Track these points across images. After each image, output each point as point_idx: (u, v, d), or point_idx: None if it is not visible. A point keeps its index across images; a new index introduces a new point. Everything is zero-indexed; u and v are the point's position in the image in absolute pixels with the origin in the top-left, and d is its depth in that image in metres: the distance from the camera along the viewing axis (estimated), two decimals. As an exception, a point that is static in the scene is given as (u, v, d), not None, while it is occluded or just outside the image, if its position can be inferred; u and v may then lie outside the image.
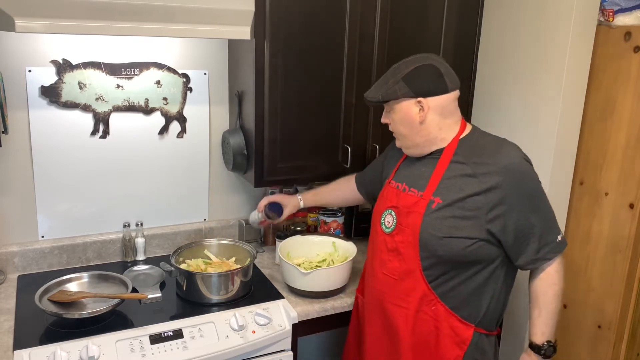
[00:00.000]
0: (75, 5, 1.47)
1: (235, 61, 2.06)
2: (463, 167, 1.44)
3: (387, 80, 1.48)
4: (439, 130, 1.48)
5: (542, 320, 1.47)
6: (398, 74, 1.46)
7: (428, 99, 1.44)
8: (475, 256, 1.43)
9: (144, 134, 2.04)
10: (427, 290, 1.47)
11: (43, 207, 1.96)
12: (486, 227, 1.41)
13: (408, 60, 1.49)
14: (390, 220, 1.53)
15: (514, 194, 1.39)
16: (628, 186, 1.90)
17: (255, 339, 1.67)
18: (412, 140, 1.51)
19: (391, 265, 1.52)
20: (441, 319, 1.47)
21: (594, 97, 1.98)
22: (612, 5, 1.89)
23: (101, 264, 2.05)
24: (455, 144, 1.48)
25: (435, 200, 1.44)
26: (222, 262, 1.94)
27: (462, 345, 1.47)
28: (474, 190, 1.40)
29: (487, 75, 2.22)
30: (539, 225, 1.43)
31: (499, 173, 1.39)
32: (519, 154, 1.45)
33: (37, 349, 1.49)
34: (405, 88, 1.44)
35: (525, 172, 1.43)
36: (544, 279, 1.47)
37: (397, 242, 1.50)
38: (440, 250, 1.42)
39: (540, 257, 1.45)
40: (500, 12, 2.14)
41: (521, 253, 1.45)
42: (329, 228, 2.30)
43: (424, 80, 1.44)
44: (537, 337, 1.48)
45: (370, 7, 1.94)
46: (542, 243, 1.44)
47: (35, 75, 1.84)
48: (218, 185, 2.24)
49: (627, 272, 1.94)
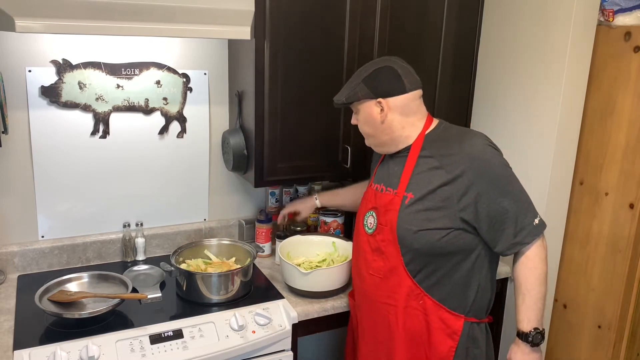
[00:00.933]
0: (75, 5, 1.47)
1: (235, 61, 2.06)
2: (430, 161, 1.48)
3: (351, 83, 1.56)
4: (402, 129, 1.53)
5: (526, 306, 1.46)
6: (359, 77, 1.54)
7: (388, 99, 1.50)
8: (453, 246, 1.45)
9: (144, 134, 2.04)
10: (412, 285, 1.49)
11: (43, 207, 1.96)
12: (459, 216, 1.43)
13: (370, 63, 1.57)
14: (372, 221, 1.57)
15: (480, 180, 1.41)
16: (628, 186, 1.90)
17: (255, 339, 1.67)
18: (378, 138, 1.57)
19: (376, 264, 1.55)
20: (430, 312, 1.49)
21: (594, 97, 1.98)
22: (612, 5, 1.89)
23: (101, 264, 2.05)
24: (421, 140, 1.52)
25: (408, 195, 1.48)
26: (222, 262, 1.94)
27: (454, 336, 1.49)
28: (441, 181, 1.44)
29: (487, 75, 2.22)
30: (512, 209, 1.43)
31: (463, 161, 1.43)
32: (481, 141, 1.47)
33: (37, 349, 1.49)
34: (365, 89, 1.52)
35: (489, 158, 1.44)
36: (524, 262, 1.46)
37: (379, 242, 1.54)
38: (416, 244, 1.45)
39: (518, 241, 1.45)
40: (500, 12, 2.14)
41: (498, 239, 1.45)
42: (329, 228, 2.30)
43: (382, 81, 1.50)
44: (524, 324, 1.46)
45: (370, 7, 1.94)
46: (518, 227, 1.44)
47: (35, 75, 1.84)
48: (218, 185, 2.24)
49: (627, 272, 1.94)
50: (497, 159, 1.45)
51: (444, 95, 2.17)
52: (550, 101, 1.95)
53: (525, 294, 1.46)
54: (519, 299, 1.47)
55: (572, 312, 2.14)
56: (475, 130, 1.54)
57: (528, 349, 1.47)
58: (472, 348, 1.52)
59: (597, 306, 2.05)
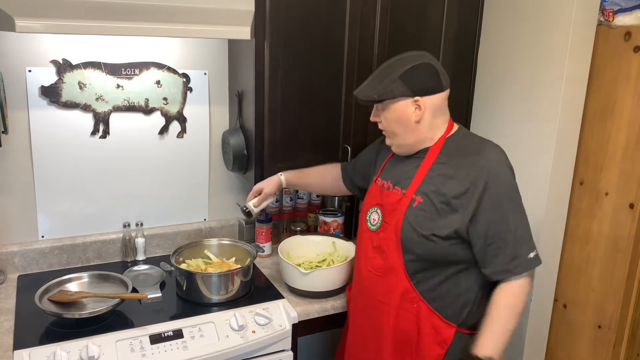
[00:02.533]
0: (75, 5, 1.47)
1: (235, 61, 2.06)
2: (444, 168, 1.44)
3: (382, 79, 1.45)
4: (430, 130, 1.47)
5: (490, 333, 1.40)
6: (394, 73, 1.43)
7: (425, 98, 1.43)
8: (455, 256, 1.43)
9: (144, 134, 2.04)
10: (409, 287, 1.47)
11: (43, 207, 1.96)
12: (464, 228, 1.40)
13: (402, 58, 1.46)
14: (376, 218, 1.54)
15: (487, 198, 1.38)
16: (628, 186, 1.90)
17: (255, 339, 1.67)
18: (404, 139, 1.49)
19: (375, 262, 1.53)
20: (423, 317, 1.47)
21: (594, 97, 1.98)
22: (612, 5, 1.89)
23: (101, 264, 2.05)
24: (440, 143, 1.48)
25: (417, 199, 1.45)
26: (222, 262, 1.94)
27: (444, 345, 1.47)
28: (452, 191, 1.40)
29: (487, 75, 2.22)
30: (512, 236, 1.38)
31: (475, 174, 1.39)
32: (498, 158, 1.43)
33: (37, 349, 1.49)
34: (402, 87, 1.42)
35: (501, 176, 1.40)
36: (506, 290, 1.41)
37: (381, 240, 1.51)
38: (418, 249, 1.43)
39: (508, 269, 1.39)
40: (500, 12, 2.13)
41: (489, 261, 1.40)
42: (329, 228, 2.30)
43: (421, 79, 1.42)
44: (479, 348, 1.39)
45: (370, 7, 1.94)
46: (513, 255, 1.38)
47: (35, 75, 1.84)
48: (218, 185, 2.24)
49: (627, 272, 1.94)
50: (509, 180, 1.41)
51: (444, 95, 2.17)
52: (550, 101, 1.95)
53: (494, 319, 1.40)
54: (488, 321, 1.41)
55: (572, 312, 2.14)
56: (493, 143, 1.47)
57: None
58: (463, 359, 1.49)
59: (597, 306, 2.05)
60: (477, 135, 1.55)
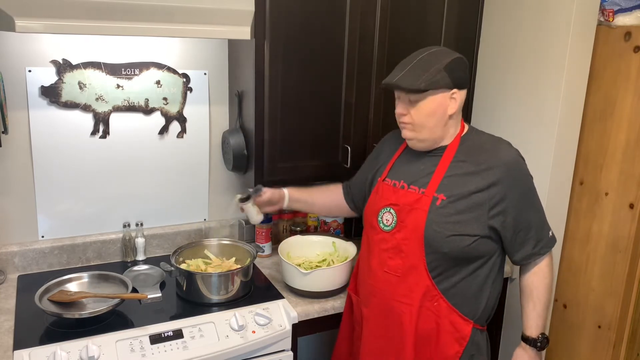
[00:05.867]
0: (75, 5, 1.47)
1: (235, 61, 2.06)
2: (465, 165, 1.46)
3: (426, 69, 1.41)
4: (455, 126, 1.52)
5: (536, 313, 1.51)
6: (438, 64, 1.41)
7: (461, 91, 1.46)
8: (476, 252, 1.46)
9: (144, 134, 2.04)
10: (430, 285, 1.47)
11: (43, 207, 1.96)
12: (488, 224, 1.43)
13: (440, 50, 1.47)
14: (390, 218, 1.52)
15: (513, 190, 1.44)
16: (628, 186, 1.90)
17: (255, 339, 1.67)
18: (432, 133, 1.47)
19: (393, 262, 1.51)
20: (442, 315, 1.48)
21: (594, 97, 1.98)
22: (612, 5, 1.89)
23: (101, 264, 2.05)
24: (457, 141, 1.51)
25: (439, 197, 1.45)
26: (222, 262, 1.93)
27: (462, 342, 1.49)
28: (476, 187, 1.43)
29: (487, 75, 2.22)
30: (535, 221, 1.48)
31: (499, 169, 1.43)
32: (515, 151, 1.50)
33: (37, 349, 1.49)
34: (447, 78, 1.41)
35: (522, 168, 1.49)
36: (537, 272, 1.51)
37: (399, 240, 1.49)
38: (445, 247, 1.43)
39: (536, 252, 1.50)
40: (500, 12, 2.13)
41: (518, 249, 1.49)
42: (329, 228, 2.30)
43: (461, 72, 1.46)
44: (532, 330, 1.51)
45: (370, 7, 1.94)
46: (538, 238, 1.49)
47: (35, 75, 1.84)
48: (218, 185, 2.24)
49: (627, 272, 1.94)
50: (526, 170, 1.49)
51: (444, 95, 2.17)
52: (550, 101, 1.95)
53: (536, 302, 1.51)
54: (529, 305, 1.52)
55: (572, 312, 2.14)
56: (503, 139, 1.54)
57: (534, 353, 1.52)
58: (476, 355, 1.52)
59: (597, 306, 2.05)
60: (487, 133, 1.58)
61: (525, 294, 1.53)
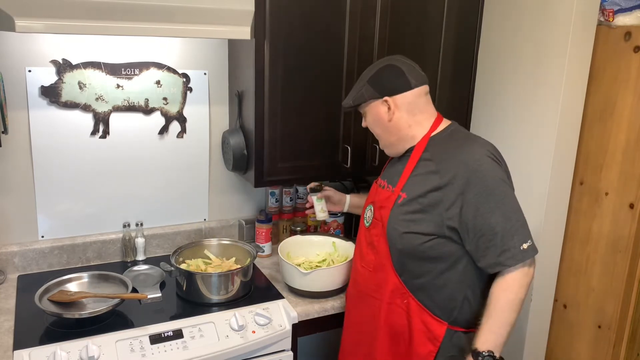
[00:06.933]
0: (75, 5, 1.47)
1: (235, 61, 2.06)
2: (429, 164, 1.47)
3: (357, 86, 1.57)
4: (409, 128, 1.52)
5: (488, 327, 1.39)
6: (364, 79, 1.55)
7: (394, 97, 1.50)
8: (435, 253, 1.44)
9: (144, 134, 2.04)
10: (397, 282, 1.50)
11: (43, 207, 1.96)
12: (446, 224, 1.41)
13: (373, 65, 1.58)
14: (369, 215, 1.60)
15: (469, 190, 1.38)
16: (628, 186, 1.90)
17: (255, 339, 1.67)
18: (387, 139, 1.57)
19: (368, 257, 1.59)
20: (413, 314, 1.50)
21: (594, 97, 1.98)
22: (612, 5, 1.89)
23: (101, 264, 2.05)
24: (425, 141, 1.51)
25: (402, 195, 1.49)
26: (222, 262, 1.94)
27: (435, 342, 1.48)
28: (433, 185, 1.43)
29: (487, 75, 2.22)
30: (500, 227, 1.37)
31: (456, 167, 1.40)
32: (482, 151, 1.42)
33: (37, 349, 1.49)
34: (370, 90, 1.52)
35: (485, 168, 1.39)
36: (500, 284, 1.40)
37: (373, 235, 1.57)
38: (399, 244, 1.47)
39: (499, 262, 1.38)
40: (500, 12, 2.13)
41: (481, 255, 1.40)
42: (329, 228, 2.30)
43: (386, 80, 1.51)
44: (479, 343, 1.39)
45: (370, 7, 1.94)
46: (502, 247, 1.37)
47: (35, 75, 1.84)
48: (218, 185, 2.24)
49: (627, 272, 1.94)
50: (493, 172, 1.39)
51: (444, 95, 2.17)
52: (550, 101, 1.95)
53: (492, 315, 1.39)
54: (485, 317, 1.41)
55: (572, 312, 2.14)
56: (481, 139, 1.49)
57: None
58: (457, 357, 1.48)
59: (597, 306, 2.05)
60: (466, 132, 1.57)
61: (487, 304, 1.41)
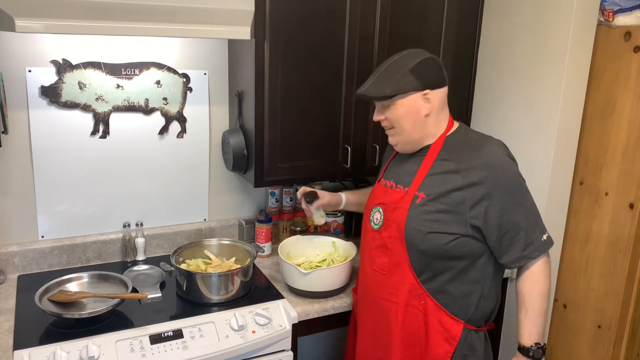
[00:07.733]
0: (75, 5, 1.47)
1: (235, 61, 2.06)
2: (447, 164, 1.46)
3: (391, 76, 1.46)
4: (435, 125, 1.50)
5: (528, 321, 1.45)
6: (404, 68, 1.45)
7: (434, 91, 1.46)
8: (459, 252, 1.44)
9: (144, 134, 2.04)
10: (415, 283, 1.48)
11: (43, 207, 1.96)
12: (470, 223, 1.42)
13: (408, 54, 1.48)
14: (379, 217, 1.56)
15: (496, 190, 1.40)
16: (628, 186, 1.90)
17: (255, 339, 1.67)
18: (411, 135, 1.50)
19: (380, 260, 1.55)
20: (430, 314, 1.49)
21: (594, 97, 1.98)
22: (612, 5, 1.89)
23: (101, 264, 2.05)
24: (441, 141, 1.50)
25: (420, 195, 1.46)
26: (222, 262, 1.94)
27: (452, 342, 1.48)
28: (456, 185, 1.42)
29: (487, 75, 2.22)
30: (523, 222, 1.43)
31: (481, 168, 1.41)
32: (501, 151, 1.45)
33: (37, 349, 1.49)
34: (415, 81, 1.44)
35: (507, 168, 1.43)
36: (528, 277, 1.46)
37: (385, 238, 1.53)
38: (422, 245, 1.45)
39: (525, 255, 1.44)
40: (500, 12, 2.14)
41: (505, 251, 1.45)
42: (329, 228, 2.30)
43: (430, 72, 1.45)
44: (525, 338, 1.46)
45: (370, 7, 1.94)
46: (527, 241, 1.43)
47: (35, 75, 1.84)
48: (218, 185, 2.24)
49: (627, 272, 1.94)
50: (513, 170, 1.45)
51: (444, 95, 2.17)
52: (550, 101, 1.95)
53: (528, 308, 1.45)
54: (522, 312, 1.47)
55: (572, 312, 2.14)
56: (493, 138, 1.51)
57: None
58: (469, 356, 1.50)
59: (597, 306, 2.05)
60: (477, 132, 1.57)
61: (519, 300, 1.48)
